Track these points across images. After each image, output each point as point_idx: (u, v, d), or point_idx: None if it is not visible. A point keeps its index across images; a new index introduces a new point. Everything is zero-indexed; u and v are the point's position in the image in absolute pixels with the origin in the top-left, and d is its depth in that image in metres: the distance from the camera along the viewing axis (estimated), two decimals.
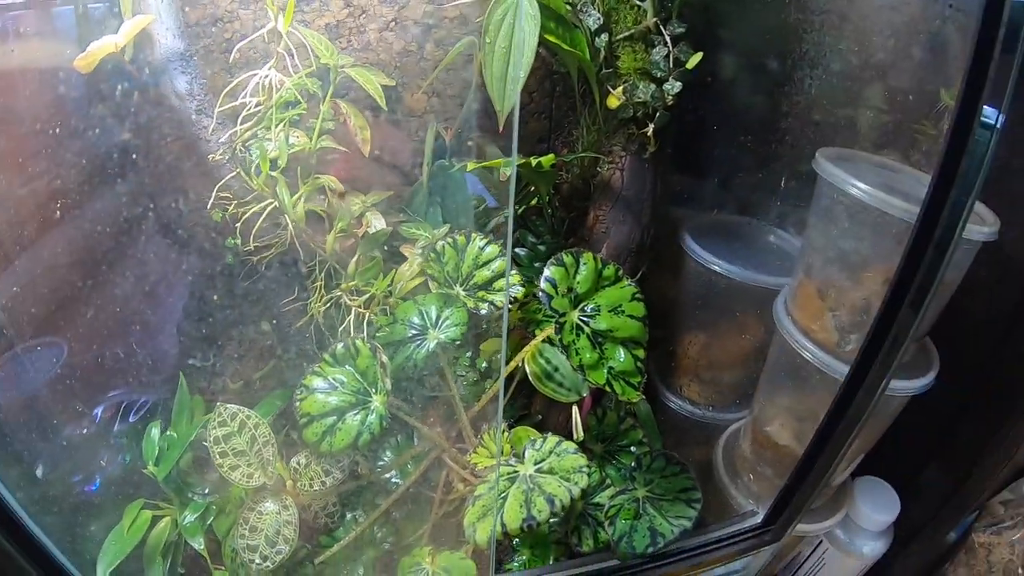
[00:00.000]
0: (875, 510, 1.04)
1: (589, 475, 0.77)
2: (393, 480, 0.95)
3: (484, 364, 1.01)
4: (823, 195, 0.90)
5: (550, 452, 0.81)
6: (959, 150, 0.64)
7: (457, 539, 0.93)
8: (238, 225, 0.87)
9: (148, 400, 0.98)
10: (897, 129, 0.93)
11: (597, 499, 0.92)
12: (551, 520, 0.75)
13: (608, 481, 0.94)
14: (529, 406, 1.03)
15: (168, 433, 0.92)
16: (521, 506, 0.75)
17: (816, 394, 0.94)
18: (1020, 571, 1.05)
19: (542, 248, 1.04)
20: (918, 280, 0.72)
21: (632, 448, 0.97)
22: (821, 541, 1.08)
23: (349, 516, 0.94)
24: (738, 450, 1.07)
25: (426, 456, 0.94)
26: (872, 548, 1.05)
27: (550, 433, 0.86)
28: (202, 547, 0.86)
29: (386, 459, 0.96)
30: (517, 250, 1.04)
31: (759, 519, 0.96)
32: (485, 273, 0.92)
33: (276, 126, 0.87)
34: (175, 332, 0.97)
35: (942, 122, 0.89)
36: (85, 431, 0.96)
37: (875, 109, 0.95)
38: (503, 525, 0.74)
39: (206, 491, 0.91)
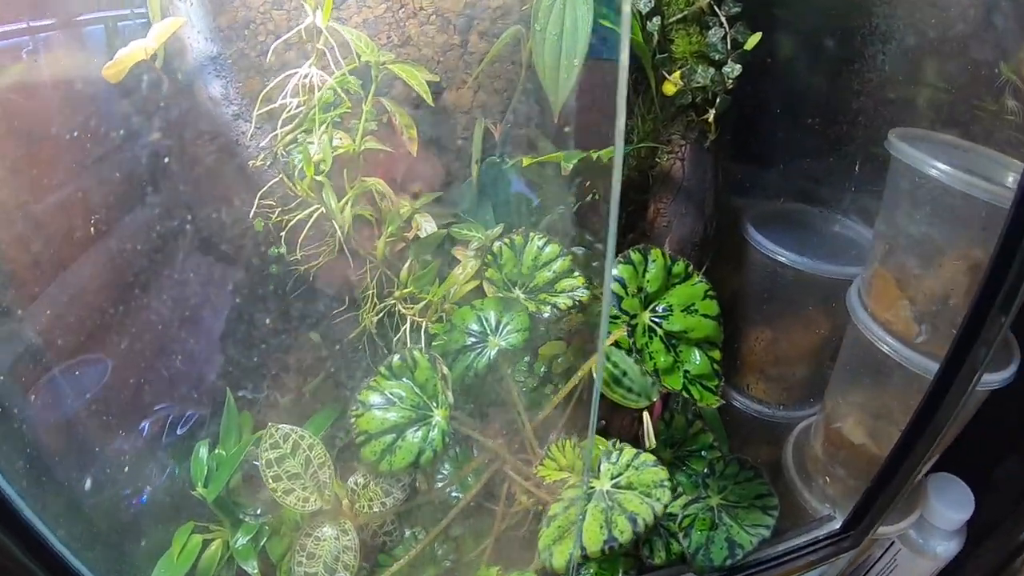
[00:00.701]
0: (950, 508, 0.97)
1: (672, 489, 0.71)
2: (453, 495, 0.89)
3: (543, 369, 0.95)
4: (899, 178, 0.83)
5: (627, 465, 0.75)
6: None
7: (521, 554, 0.87)
8: (283, 233, 0.81)
9: (195, 414, 0.93)
10: (974, 107, 0.86)
11: (670, 508, 0.86)
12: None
13: (680, 489, 0.88)
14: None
15: (217, 451, 0.86)
16: (601, 527, 0.69)
17: (894, 389, 0.88)
18: None
19: (601, 247, 0.97)
20: (1014, 269, 0.65)
21: (703, 453, 0.91)
22: (893, 542, 1.01)
23: (408, 533, 0.88)
24: (809, 450, 1.00)
25: (487, 468, 0.88)
26: (946, 548, 0.99)
27: (626, 445, 0.79)
28: (256, 571, 0.81)
29: (445, 472, 0.91)
30: (575, 249, 0.97)
31: (837, 524, 0.90)
32: (546, 274, 0.86)
33: (319, 127, 0.81)
34: (219, 346, 0.91)
35: (1003, 97, 0.83)
36: (129, 447, 0.90)
37: (948, 86, 0.88)
38: (582, 548, 0.68)
39: (258, 512, 0.86)
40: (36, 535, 0.61)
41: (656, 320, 0.79)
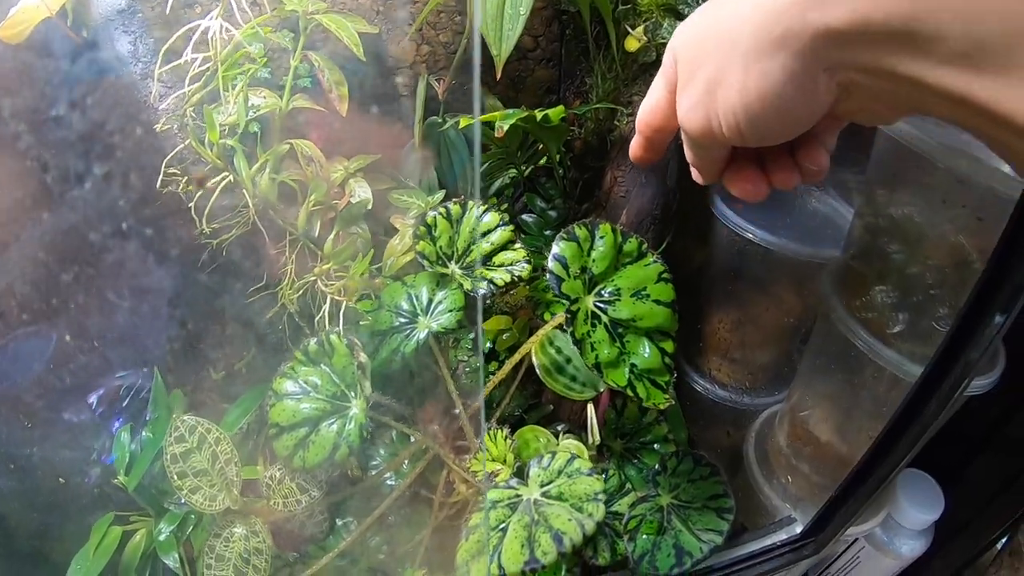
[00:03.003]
0: (920, 509, 0.86)
1: (620, 486, 0.60)
2: (388, 482, 0.79)
3: (488, 345, 0.83)
4: (886, 153, 0.70)
5: (559, 472, 0.64)
6: None
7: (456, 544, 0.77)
8: (192, 204, 0.69)
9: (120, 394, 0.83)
10: None
11: (615, 507, 0.76)
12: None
13: (628, 485, 0.78)
14: (539, 394, 0.86)
15: (144, 434, 0.76)
16: (523, 545, 0.58)
17: (866, 384, 0.76)
18: None
19: (552, 214, 0.85)
20: (1019, 268, 0.53)
21: (655, 446, 0.79)
22: (856, 539, 0.91)
23: (340, 523, 0.79)
24: (772, 442, 0.89)
25: (423, 456, 0.78)
26: (912, 548, 0.88)
27: (569, 442, 0.69)
28: (177, 564, 0.72)
29: (380, 458, 0.80)
30: (524, 216, 0.85)
31: (797, 528, 0.79)
32: (484, 246, 0.74)
33: (231, 85, 0.68)
34: (139, 325, 0.80)
35: None
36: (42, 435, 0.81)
37: None
38: (500, 568, 0.57)
39: (182, 500, 0.76)
40: None
41: (601, 306, 0.67)
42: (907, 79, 0.26)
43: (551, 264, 0.66)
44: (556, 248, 0.66)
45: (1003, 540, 0.93)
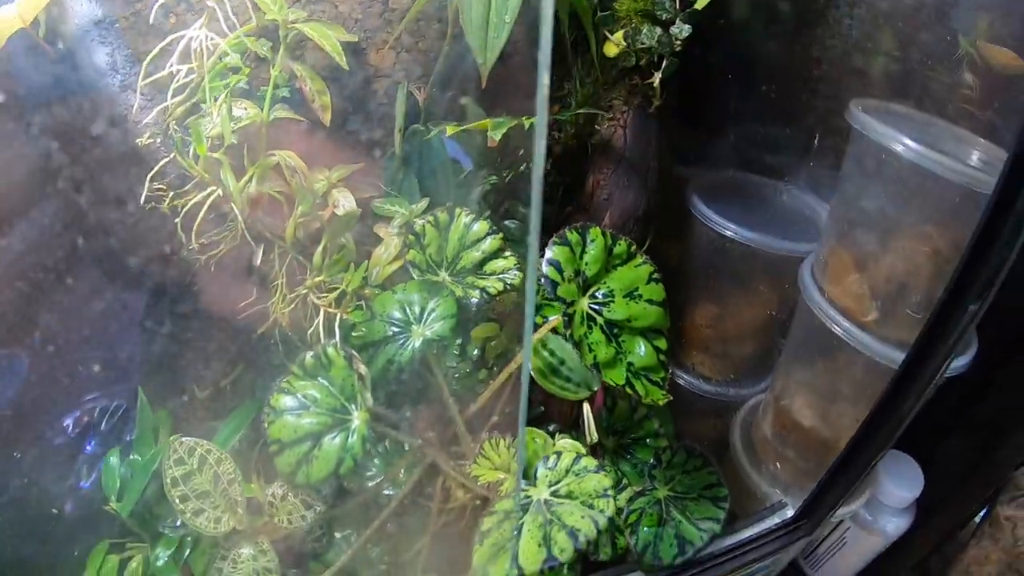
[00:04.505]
0: (901, 487, 0.90)
1: (617, 482, 0.61)
2: (386, 492, 0.79)
3: (475, 352, 0.84)
4: (859, 151, 0.73)
5: (567, 471, 0.64)
6: None
7: (460, 551, 0.77)
8: (178, 220, 0.68)
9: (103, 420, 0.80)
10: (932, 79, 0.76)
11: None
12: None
13: (624, 480, 0.79)
14: (528, 395, 0.86)
15: (132, 457, 0.74)
16: (540, 544, 0.59)
17: (847, 372, 0.79)
18: None
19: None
20: (991, 260, 0.56)
21: (648, 441, 0.81)
22: (842, 520, 0.94)
23: (339, 535, 0.78)
24: (757, 431, 0.91)
25: (420, 464, 0.78)
26: (896, 525, 0.92)
27: (566, 444, 0.69)
28: None
29: (375, 468, 0.80)
30: (507, 222, 0.85)
31: (789, 511, 0.81)
32: (474, 254, 0.74)
33: (216, 97, 0.67)
34: (123, 345, 0.78)
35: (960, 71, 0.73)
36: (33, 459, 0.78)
37: (921, 56, 0.77)
38: (519, 569, 0.58)
39: (178, 523, 0.74)
40: None
41: (595, 308, 0.68)
42: None
43: (545, 269, 0.66)
44: (549, 253, 0.67)
45: (982, 512, 0.97)
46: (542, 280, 0.66)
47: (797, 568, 1.06)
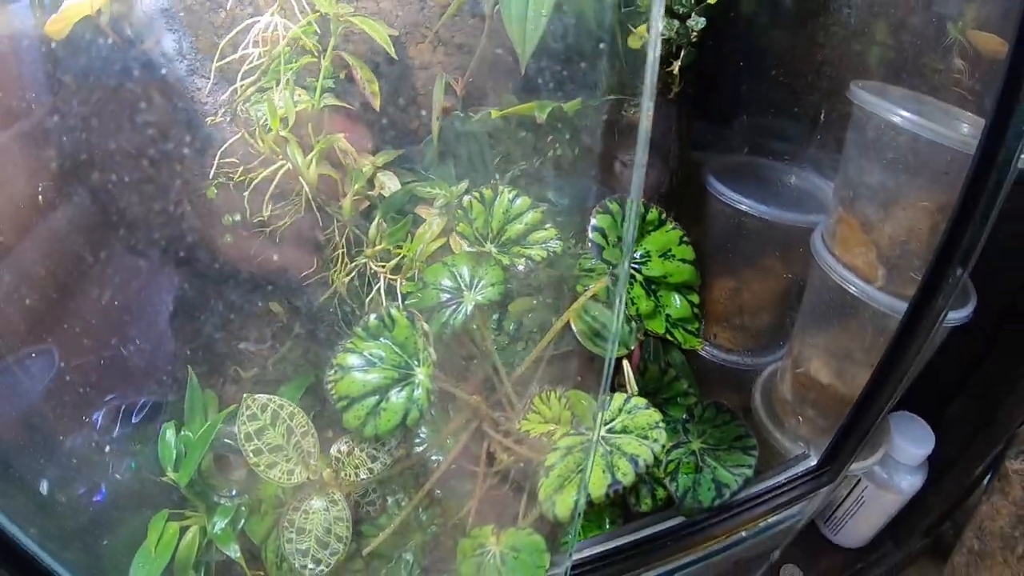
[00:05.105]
0: (913, 444, 0.96)
1: (666, 430, 0.66)
2: (433, 458, 0.83)
3: (512, 327, 0.89)
4: (861, 127, 0.80)
5: (619, 410, 0.70)
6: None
7: (505, 511, 0.81)
8: (246, 194, 0.73)
9: (149, 400, 0.83)
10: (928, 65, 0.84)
11: None
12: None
13: None
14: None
15: (183, 434, 0.77)
16: (604, 471, 0.63)
17: (857, 329, 0.85)
18: None
19: (565, 201, 0.92)
20: (979, 210, 0.64)
21: (678, 400, 0.86)
22: (859, 480, 1.00)
23: (391, 501, 0.81)
24: (777, 394, 0.97)
25: (465, 429, 0.82)
26: (910, 483, 0.98)
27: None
28: (238, 555, 0.73)
29: (423, 436, 0.84)
30: (539, 204, 0.92)
31: (812, 462, 0.87)
32: (517, 227, 0.80)
33: (283, 78, 0.72)
34: (179, 323, 0.82)
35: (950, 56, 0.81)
36: (85, 439, 0.80)
37: (913, 40, 0.86)
38: (588, 495, 0.63)
39: (233, 492, 0.77)
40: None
41: (635, 267, 0.74)
42: None
43: (592, 235, 0.73)
44: (594, 221, 0.74)
45: (991, 470, 1.04)
46: (590, 246, 0.73)
47: (819, 533, 1.11)
